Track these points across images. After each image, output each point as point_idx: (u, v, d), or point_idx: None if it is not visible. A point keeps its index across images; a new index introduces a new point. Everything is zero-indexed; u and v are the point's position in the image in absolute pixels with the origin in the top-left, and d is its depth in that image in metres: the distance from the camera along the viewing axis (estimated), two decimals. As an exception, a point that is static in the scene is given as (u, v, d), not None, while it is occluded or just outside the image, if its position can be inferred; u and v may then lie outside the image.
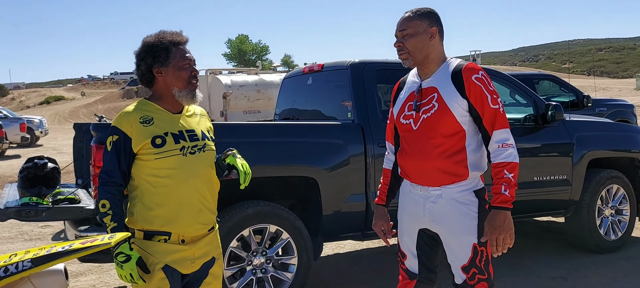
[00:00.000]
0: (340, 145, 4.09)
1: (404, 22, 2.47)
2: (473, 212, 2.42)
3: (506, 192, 2.31)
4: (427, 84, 2.48)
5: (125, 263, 2.12)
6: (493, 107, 2.36)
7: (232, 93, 14.91)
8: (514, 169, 2.34)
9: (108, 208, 2.20)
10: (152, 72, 2.30)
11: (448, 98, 2.38)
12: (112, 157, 2.23)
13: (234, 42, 66.48)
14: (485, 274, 2.45)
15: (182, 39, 2.34)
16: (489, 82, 2.40)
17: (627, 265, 4.84)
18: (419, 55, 2.45)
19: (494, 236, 2.32)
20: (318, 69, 4.87)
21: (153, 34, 2.33)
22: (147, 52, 2.28)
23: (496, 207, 2.33)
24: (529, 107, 4.86)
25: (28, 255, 2.05)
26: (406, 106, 2.53)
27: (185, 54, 2.32)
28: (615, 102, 11.54)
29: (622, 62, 77.37)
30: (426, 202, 2.47)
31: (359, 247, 5.77)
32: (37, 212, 3.48)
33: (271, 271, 3.92)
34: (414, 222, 2.55)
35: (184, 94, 2.31)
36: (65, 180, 5.64)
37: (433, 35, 2.45)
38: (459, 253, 2.44)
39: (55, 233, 6.68)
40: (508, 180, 2.32)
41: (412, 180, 2.52)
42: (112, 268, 5.13)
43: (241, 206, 3.78)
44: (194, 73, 2.33)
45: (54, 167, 3.95)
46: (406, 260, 2.64)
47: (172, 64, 2.29)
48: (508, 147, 2.36)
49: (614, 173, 5.22)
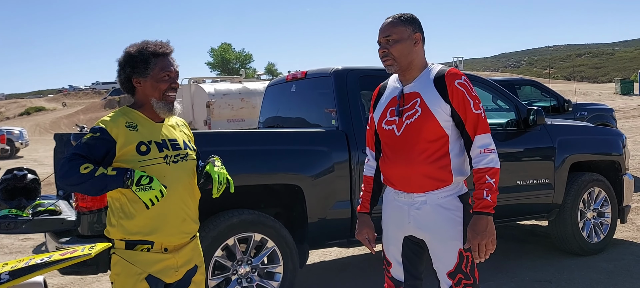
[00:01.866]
0: (324, 152, 4.08)
1: (388, 28, 2.46)
2: (458, 217, 2.43)
3: (488, 198, 2.32)
4: (409, 89, 2.48)
5: (152, 183, 2.09)
6: (475, 112, 2.37)
7: (215, 102, 14.85)
8: (495, 175, 2.35)
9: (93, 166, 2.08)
10: (131, 81, 2.29)
11: (431, 103, 2.39)
12: (84, 146, 2.14)
13: (216, 51, 66.25)
14: (471, 279, 2.46)
15: (165, 49, 2.31)
16: (471, 87, 2.42)
17: (610, 267, 4.89)
18: (404, 61, 2.45)
19: (477, 241, 2.32)
20: (302, 77, 4.86)
21: (136, 44, 2.31)
22: (127, 61, 2.28)
23: (478, 212, 2.33)
24: (511, 112, 4.91)
25: (6, 267, 2.00)
26: (388, 111, 2.53)
27: (167, 66, 2.29)
28: (596, 106, 11.70)
29: (601, 67, 78.69)
30: (411, 209, 2.47)
31: (345, 254, 5.76)
32: (16, 224, 3.41)
33: (257, 280, 3.88)
34: (399, 230, 2.55)
35: (161, 105, 2.29)
36: (46, 191, 5.54)
37: (417, 41, 2.47)
38: (445, 259, 2.45)
39: (36, 246, 6.56)
40: (490, 186, 2.33)
41: (396, 187, 2.52)
42: (94, 281, 5.05)
43: (226, 215, 3.75)
44: (173, 85, 2.31)
45: (34, 178, 3.88)
46: (391, 269, 2.63)
47: (150, 75, 2.27)
48: (490, 152, 2.37)
49: (595, 177, 5.28)
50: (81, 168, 2.07)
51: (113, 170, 2.11)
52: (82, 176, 2.07)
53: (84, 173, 2.06)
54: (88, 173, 2.07)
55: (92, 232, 3.45)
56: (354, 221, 4.12)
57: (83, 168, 2.07)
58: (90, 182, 2.08)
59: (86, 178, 2.07)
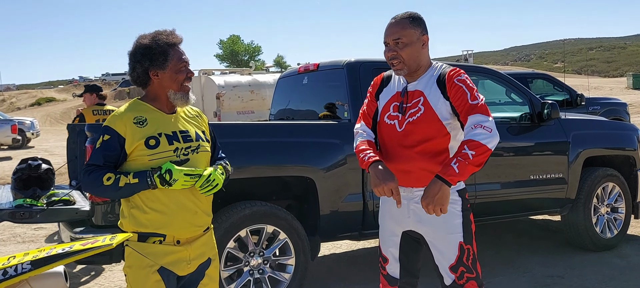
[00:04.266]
0: (336, 145, 4.07)
1: (397, 31, 2.43)
2: (457, 210, 2.44)
3: (455, 166, 2.23)
4: (413, 87, 2.49)
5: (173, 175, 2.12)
6: (472, 102, 2.34)
7: (225, 93, 14.88)
8: (477, 148, 2.23)
9: (114, 175, 2.12)
10: (148, 74, 2.26)
11: (434, 102, 2.41)
12: (99, 153, 2.17)
13: (226, 43, 66.24)
14: (473, 273, 2.46)
15: (176, 39, 2.30)
16: (470, 82, 2.41)
17: (623, 263, 4.85)
18: (413, 64, 2.45)
19: (424, 202, 2.27)
20: (314, 69, 4.85)
21: (148, 35, 2.28)
22: (144, 54, 2.23)
23: (438, 176, 2.25)
24: (525, 106, 4.87)
25: (27, 257, 2.01)
26: (391, 106, 2.53)
27: (182, 55, 2.29)
28: (609, 100, 11.61)
29: (613, 61, 77.86)
30: (410, 203, 2.48)
31: (355, 247, 5.75)
32: (31, 213, 3.44)
33: (268, 272, 3.89)
34: (398, 225, 2.55)
35: (179, 96, 2.28)
36: (58, 181, 5.58)
37: (425, 43, 2.47)
38: (446, 253, 2.45)
39: (49, 235, 6.61)
40: (464, 156, 2.23)
41: None
42: (107, 271, 5.09)
43: (238, 207, 3.75)
44: (189, 75, 2.32)
45: (48, 168, 3.91)
46: (387, 265, 2.62)
47: (169, 66, 2.25)
48: (481, 128, 2.27)
49: (609, 171, 5.23)
50: (104, 180, 2.11)
51: (134, 176, 2.13)
52: (107, 188, 2.14)
53: (108, 185, 2.12)
54: (112, 184, 2.12)
55: (105, 222, 3.47)
56: (366, 214, 4.12)
57: (105, 179, 2.11)
58: (118, 193, 2.15)
59: (111, 190, 2.13)
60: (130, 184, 2.12)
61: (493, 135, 2.27)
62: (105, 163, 2.16)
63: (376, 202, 4.10)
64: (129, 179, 2.12)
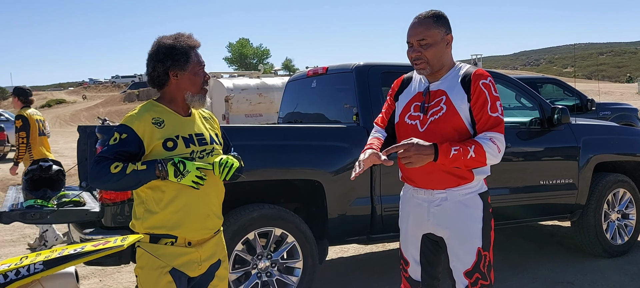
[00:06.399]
0: (345, 148, 4.07)
1: (422, 31, 2.39)
2: (478, 215, 2.41)
3: (453, 149, 2.23)
4: (435, 87, 2.46)
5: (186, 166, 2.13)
6: (493, 115, 2.33)
7: (234, 96, 14.90)
8: (478, 156, 2.25)
9: (122, 164, 2.10)
10: (168, 74, 2.27)
11: (457, 102, 2.37)
12: (113, 149, 2.15)
13: (234, 46, 66.54)
14: (487, 280, 2.44)
15: (196, 42, 2.33)
16: (495, 89, 2.38)
17: (634, 269, 4.81)
18: (437, 64, 2.42)
19: (402, 148, 2.23)
20: (322, 72, 4.85)
21: (170, 36, 2.30)
22: (167, 54, 2.25)
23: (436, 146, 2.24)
24: (535, 110, 4.84)
25: (39, 257, 2.02)
26: (412, 106, 2.50)
27: (201, 59, 2.33)
28: (619, 105, 11.51)
29: (623, 66, 77.34)
30: (431, 206, 2.45)
31: (363, 251, 5.74)
32: (42, 214, 3.46)
33: (276, 274, 3.89)
34: (418, 228, 2.53)
35: (197, 98, 2.31)
36: (68, 183, 5.61)
37: (449, 43, 2.44)
38: (464, 258, 2.42)
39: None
40: (466, 152, 2.24)
41: (416, 184, 2.49)
42: (114, 272, 5.11)
43: (246, 209, 3.76)
44: (206, 78, 2.35)
45: (59, 170, 3.94)
46: (409, 268, 2.60)
47: (189, 68, 2.28)
48: (492, 143, 2.27)
49: (620, 177, 5.19)
50: (111, 168, 2.09)
51: (143, 164, 2.12)
52: (113, 175, 2.09)
53: (114, 173, 2.09)
54: (119, 171, 2.09)
55: (115, 223, 3.48)
56: (374, 218, 4.11)
57: (113, 167, 2.09)
58: (123, 180, 2.10)
59: (118, 177, 2.09)
60: (137, 171, 2.09)
61: (497, 156, 2.31)
62: (115, 158, 2.14)
63: (384, 206, 4.10)
64: (136, 166, 2.10)
